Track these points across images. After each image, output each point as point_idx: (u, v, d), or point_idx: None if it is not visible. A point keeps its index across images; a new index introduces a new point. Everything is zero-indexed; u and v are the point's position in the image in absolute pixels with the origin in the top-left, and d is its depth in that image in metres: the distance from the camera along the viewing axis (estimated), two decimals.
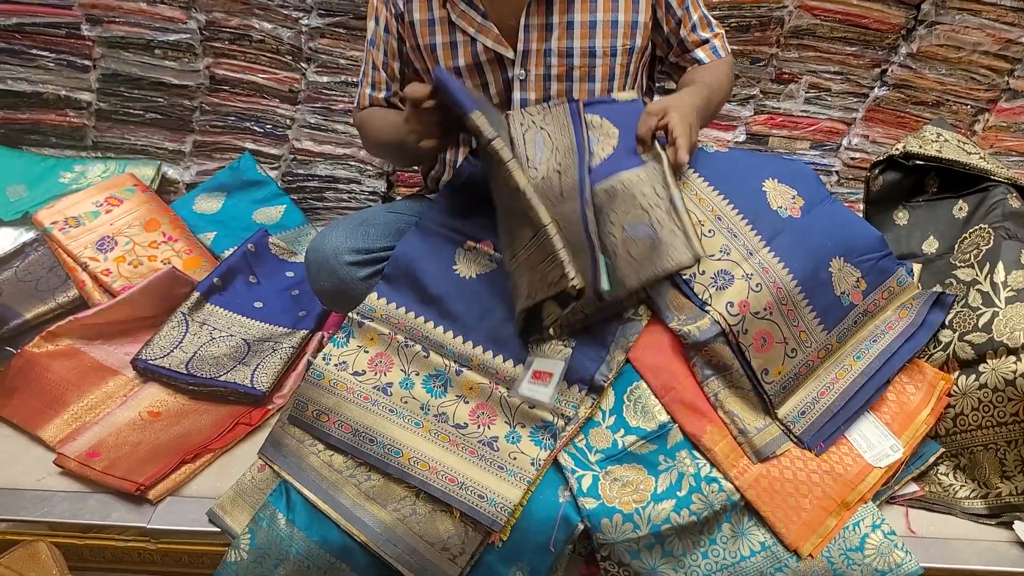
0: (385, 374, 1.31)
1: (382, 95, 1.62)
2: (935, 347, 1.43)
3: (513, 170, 1.20)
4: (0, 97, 2.18)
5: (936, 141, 1.66)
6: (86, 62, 2.13)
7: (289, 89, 2.13)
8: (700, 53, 1.59)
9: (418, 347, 1.33)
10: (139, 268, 1.81)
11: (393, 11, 1.55)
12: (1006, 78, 1.99)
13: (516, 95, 1.52)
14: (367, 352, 1.33)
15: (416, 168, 1.86)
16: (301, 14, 2.03)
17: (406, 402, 1.28)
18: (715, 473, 1.25)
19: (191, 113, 2.19)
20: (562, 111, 1.44)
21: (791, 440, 1.31)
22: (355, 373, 1.31)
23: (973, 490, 1.33)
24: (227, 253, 1.92)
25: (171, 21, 2.05)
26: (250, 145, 2.21)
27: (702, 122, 1.47)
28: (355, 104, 1.67)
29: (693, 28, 1.58)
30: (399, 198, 2.15)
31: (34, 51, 2.12)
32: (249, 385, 1.52)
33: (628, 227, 1.27)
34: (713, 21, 1.61)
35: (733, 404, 1.30)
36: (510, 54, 1.49)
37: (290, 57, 2.09)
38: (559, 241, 1.18)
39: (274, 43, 2.07)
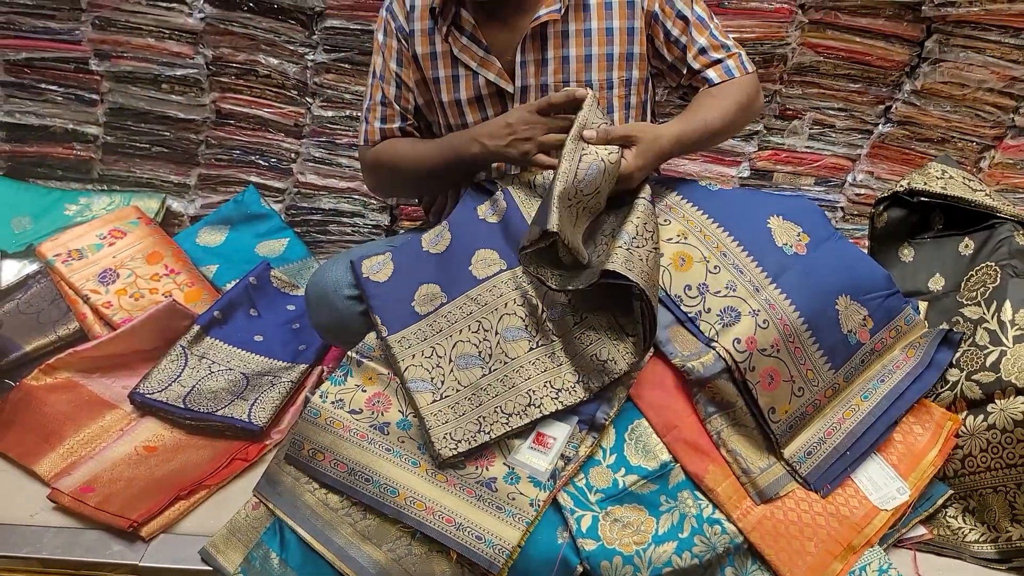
0: (383, 414, 1.29)
1: (396, 125, 1.61)
2: (942, 386, 1.41)
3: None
4: (8, 130, 2.21)
5: (941, 178, 1.65)
6: (94, 96, 2.16)
7: (294, 123, 2.15)
8: (711, 73, 1.53)
9: None
10: (140, 301, 1.80)
11: (407, 45, 1.56)
12: (1011, 115, 1.99)
13: None
14: (365, 391, 1.32)
15: (417, 202, 1.86)
16: (307, 50, 2.06)
17: (403, 442, 1.26)
18: (718, 514, 1.22)
19: (197, 147, 2.21)
20: None
21: (796, 481, 1.28)
22: (352, 411, 1.30)
23: (983, 534, 1.30)
24: (229, 286, 1.92)
25: (178, 56, 2.08)
26: (255, 178, 2.22)
27: (682, 149, 1.44)
28: (361, 141, 1.65)
29: (702, 51, 1.53)
30: (402, 231, 2.16)
31: (43, 85, 2.16)
32: (247, 420, 1.50)
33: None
34: (729, 42, 1.55)
35: (736, 443, 1.28)
36: (511, 88, 1.50)
37: (295, 92, 2.11)
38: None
39: (280, 78, 2.09)
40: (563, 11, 1.45)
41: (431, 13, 1.51)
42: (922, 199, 1.63)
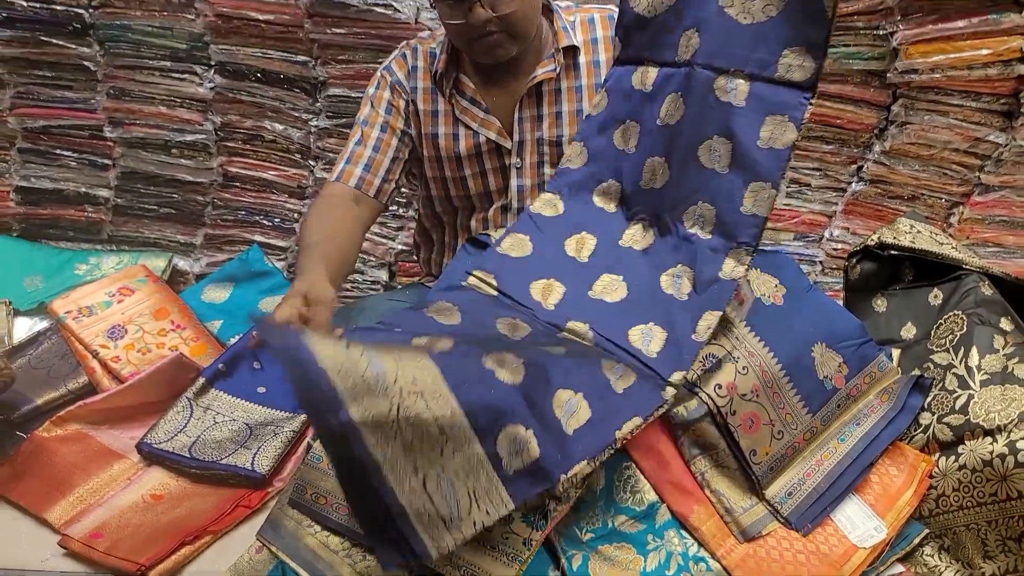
0: None
1: (358, 170, 1.65)
2: (915, 429, 1.47)
3: None
4: (24, 194, 2.31)
5: (909, 232, 1.75)
6: (106, 161, 2.27)
7: (297, 185, 2.25)
8: None
9: None
10: (147, 355, 1.87)
11: (404, 97, 1.66)
12: (977, 173, 2.10)
13: (513, 182, 1.63)
14: None
15: (416, 258, 1.95)
16: (310, 116, 2.17)
17: None
18: (703, 552, 1.27)
19: (203, 208, 2.31)
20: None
21: (778, 520, 1.34)
22: None
23: (958, 571, 1.34)
24: (233, 340, 1.98)
25: (188, 123, 2.19)
26: (259, 237, 2.31)
27: None
28: (331, 175, 1.70)
29: None
30: (399, 287, 2.24)
31: (58, 151, 2.27)
32: (250, 468, 1.55)
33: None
34: None
35: (719, 483, 1.34)
36: (508, 144, 1.60)
37: (299, 155, 2.22)
38: None
39: (284, 142, 2.20)
40: (557, 70, 1.57)
41: (433, 77, 1.62)
42: (892, 252, 1.73)
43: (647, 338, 1.31)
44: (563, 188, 1.45)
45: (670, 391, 1.26)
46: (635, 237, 1.39)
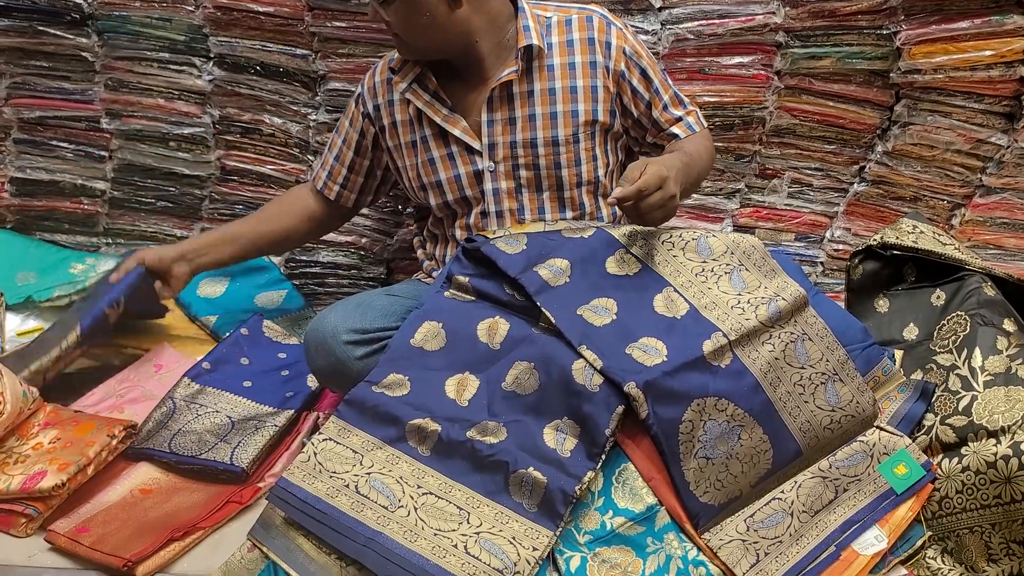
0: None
1: (323, 173, 1.82)
2: (918, 431, 1.46)
3: None
4: (19, 185, 2.28)
5: (912, 233, 1.74)
6: (103, 153, 2.24)
7: (295, 180, 2.23)
8: (676, 129, 1.66)
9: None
10: None
11: (362, 110, 1.67)
12: (979, 175, 2.08)
13: (488, 185, 1.61)
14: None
15: (415, 255, 1.93)
16: (309, 110, 2.15)
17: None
18: (702, 556, 1.26)
19: (201, 202, 2.28)
20: None
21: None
22: None
23: (961, 574, 1.33)
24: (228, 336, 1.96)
25: (187, 116, 2.17)
26: None
27: (683, 185, 1.47)
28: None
29: (665, 108, 1.65)
30: (396, 283, 2.22)
31: (54, 142, 2.24)
32: (228, 462, 1.52)
33: None
34: (685, 99, 1.69)
35: None
36: (477, 145, 1.58)
37: (298, 150, 2.20)
38: None
39: (283, 136, 2.18)
40: (519, 71, 1.54)
41: (392, 71, 1.61)
42: (895, 252, 1.72)
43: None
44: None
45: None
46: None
